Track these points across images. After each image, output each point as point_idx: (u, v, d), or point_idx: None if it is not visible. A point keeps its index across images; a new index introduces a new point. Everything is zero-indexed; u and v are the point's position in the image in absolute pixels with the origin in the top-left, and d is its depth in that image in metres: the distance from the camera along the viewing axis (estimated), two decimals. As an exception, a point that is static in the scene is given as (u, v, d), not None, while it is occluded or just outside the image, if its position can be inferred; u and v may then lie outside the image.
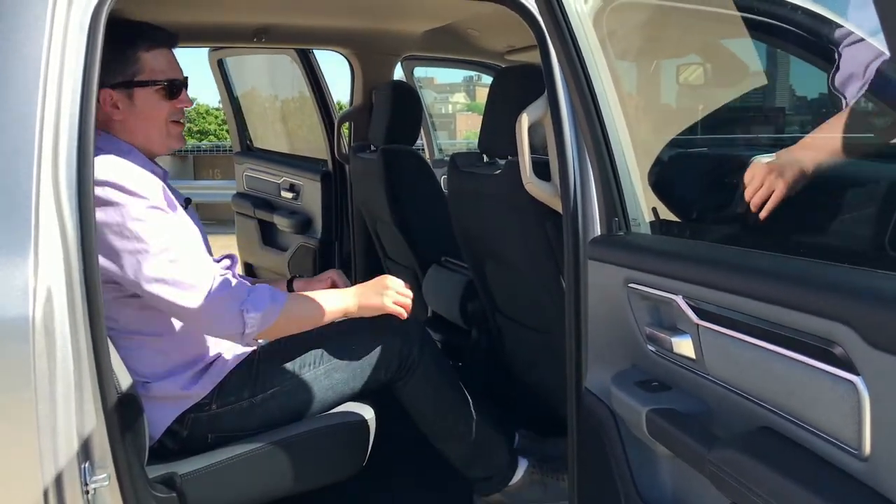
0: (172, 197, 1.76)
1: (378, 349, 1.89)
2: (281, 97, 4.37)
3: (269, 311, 1.69)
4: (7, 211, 1.39)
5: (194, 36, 3.02)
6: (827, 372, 0.98)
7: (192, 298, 1.62)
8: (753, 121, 2.04)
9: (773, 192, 1.30)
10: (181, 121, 1.83)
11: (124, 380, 1.61)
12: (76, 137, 1.45)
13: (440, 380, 1.98)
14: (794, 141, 1.93)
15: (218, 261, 1.90)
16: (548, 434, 2.24)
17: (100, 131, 1.68)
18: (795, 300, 1.02)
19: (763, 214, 1.30)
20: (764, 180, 1.31)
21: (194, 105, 1.75)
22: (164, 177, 1.79)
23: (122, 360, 1.68)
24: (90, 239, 1.45)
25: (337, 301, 1.81)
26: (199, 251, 1.74)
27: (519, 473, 2.10)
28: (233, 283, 1.69)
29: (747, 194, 1.34)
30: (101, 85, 1.66)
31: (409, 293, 1.86)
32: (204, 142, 16.52)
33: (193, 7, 2.48)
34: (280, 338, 1.87)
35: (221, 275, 1.70)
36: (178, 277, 1.62)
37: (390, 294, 1.82)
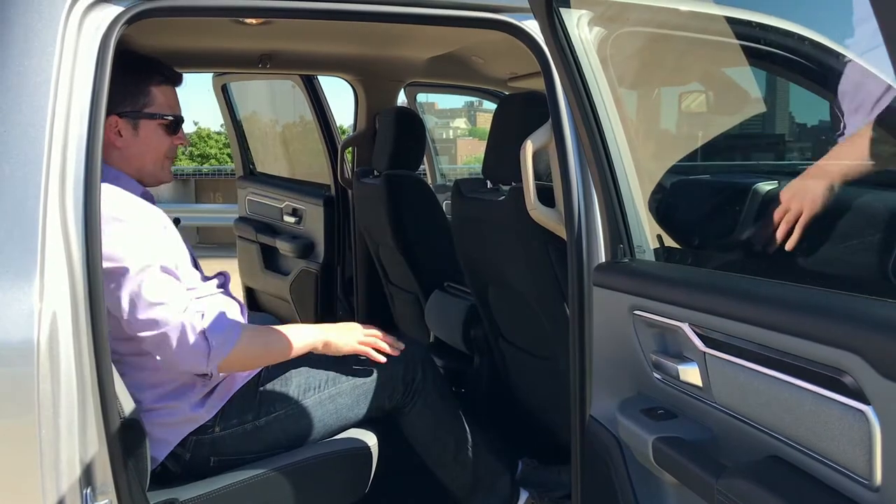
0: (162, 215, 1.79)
1: (382, 375, 1.89)
2: (283, 122, 4.40)
3: (228, 332, 1.66)
4: (14, 235, 1.39)
5: (200, 62, 3.05)
6: (836, 401, 0.97)
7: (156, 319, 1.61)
8: (756, 148, 2.05)
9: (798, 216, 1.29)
10: (172, 157, 1.89)
11: (127, 404, 1.60)
12: (83, 162, 1.47)
13: (442, 406, 1.97)
14: (793, 167, 1.94)
15: (209, 278, 1.91)
16: (551, 462, 2.23)
17: None
18: (804, 329, 1.02)
19: (791, 241, 1.29)
20: (789, 205, 1.30)
21: (196, 128, 1.86)
22: (151, 200, 1.84)
23: (132, 380, 1.68)
24: (96, 263, 1.45)
25: (304, 335, 1.80)
26: (172, 283, 1.68)
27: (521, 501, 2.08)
28: (190, 310, 1.65)
29: (775, 218, 1.32)
30: (109, 112, 1.70)
31: (382, 342, 1.87)
32: (205, 165, 16.58)
33: (200, 34, 2.50)
34: (283, 361, 1.86)
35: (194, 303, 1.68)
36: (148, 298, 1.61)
37: (360, 336, 1.84)
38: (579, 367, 1.68)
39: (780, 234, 1.30)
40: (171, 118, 1.84)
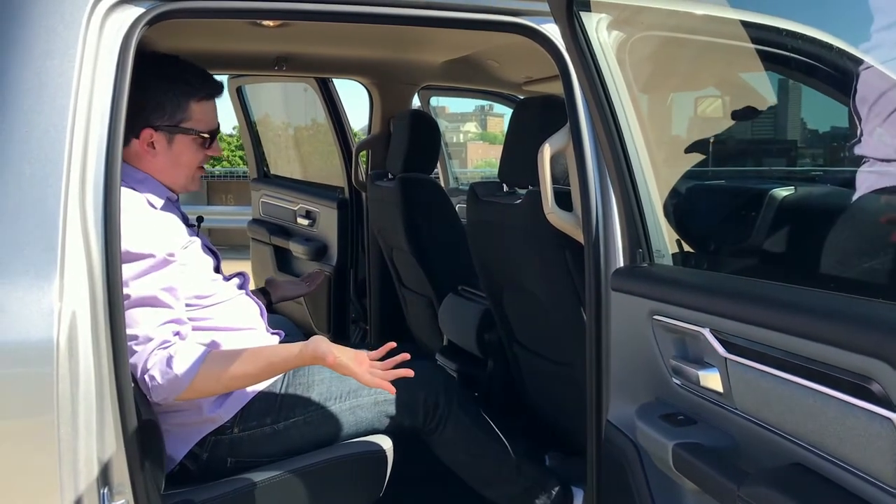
0: (182, 226, 1.79)
1: (403, 396, 1.88)
2: (297, 124, 4.41)
3: (182, 376, 1.58)
4: (35, 235, 1.39)
5: (217, 64, 3.06)
6: (863, 408, 0.96)
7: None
8: (772, 153, 2.04)
9: None
10: (205, 166, 1.88)
11: (145, 404, 1.61)
12: (104, 163, 1.47)
13: (475, 427, 1.98)
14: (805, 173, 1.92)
15: (229, 278, 1.91)
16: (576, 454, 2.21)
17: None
18: (830, 335, 1.01)
19: None
20: None
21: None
22: (176, 203, 1.85)
23: None
24: (115, 263, 1.46)
25: (276, 368, 1.67)
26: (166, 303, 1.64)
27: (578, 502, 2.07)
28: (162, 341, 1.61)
29: None
30: (144, 123, 1.73)
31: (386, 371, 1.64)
32: (217, 167, 16.63)
33: (217, 36, 2.51)
34: (306, 368, 1.86)
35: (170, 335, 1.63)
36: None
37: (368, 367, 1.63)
38: (596, 372, 1.67)
39: None
40: (206, 134, 1.82)
